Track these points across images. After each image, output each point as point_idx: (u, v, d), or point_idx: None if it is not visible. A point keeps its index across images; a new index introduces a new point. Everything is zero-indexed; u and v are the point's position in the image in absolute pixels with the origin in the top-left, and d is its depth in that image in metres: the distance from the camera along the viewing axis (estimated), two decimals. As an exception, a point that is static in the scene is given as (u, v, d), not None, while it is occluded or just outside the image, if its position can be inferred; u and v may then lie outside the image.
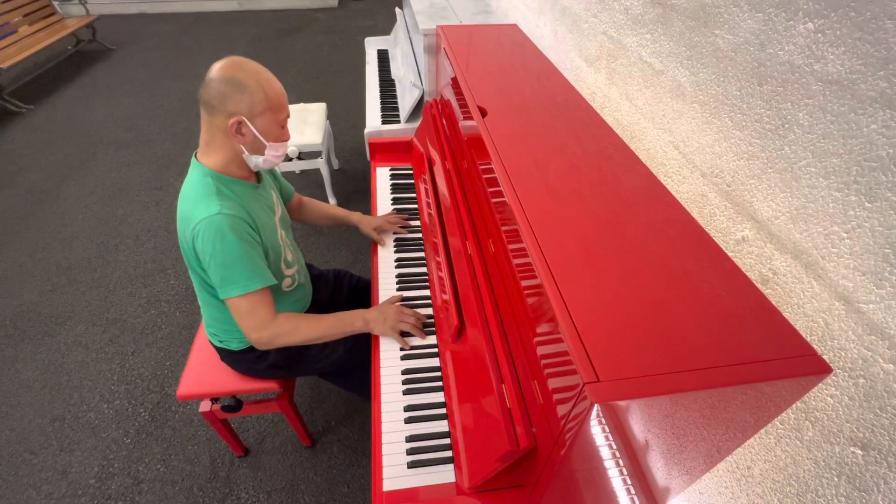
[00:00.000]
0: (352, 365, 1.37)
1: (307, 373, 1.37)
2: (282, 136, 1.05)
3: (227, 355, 1.27)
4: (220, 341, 1.24)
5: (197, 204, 0.98)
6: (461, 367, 0.99)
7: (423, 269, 1.35)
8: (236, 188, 1.05)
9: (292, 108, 2.69)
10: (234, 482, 1.58)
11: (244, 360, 1.25)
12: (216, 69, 0.95)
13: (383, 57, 2.79)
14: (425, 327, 1.17)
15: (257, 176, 1.15)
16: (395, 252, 1.40)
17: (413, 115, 2.04)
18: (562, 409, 0.59)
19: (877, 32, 0.61)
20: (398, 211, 1.54)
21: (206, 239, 0.97)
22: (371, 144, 1.77)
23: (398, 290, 1.28)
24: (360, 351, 1.34)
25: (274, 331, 1.07)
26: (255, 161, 1.05)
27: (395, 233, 1.46)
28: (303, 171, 2.99)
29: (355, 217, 1.48)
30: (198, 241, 0.98)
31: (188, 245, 1.02)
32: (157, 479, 1.59)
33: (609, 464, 0.70)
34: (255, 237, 1.04)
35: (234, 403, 1.35)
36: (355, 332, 1.16)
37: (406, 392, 1.04)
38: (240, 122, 0.97)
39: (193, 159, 1.05)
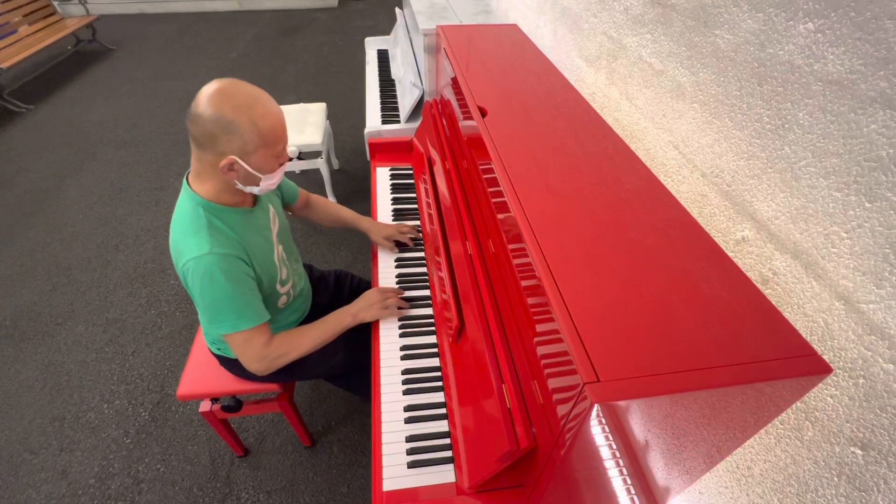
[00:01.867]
0: (351, 368, 1.36)
1: (307, 377, 1.37)
2: (277, 165, 0.99)
3: (225, 362, 1.27)
4: (219, 349, 1.24)
5: (187, 238, 0.95)
6: (461, 367, 0.99)
7: (423, 269, 1.35)
8: (229, 218, 1.00)
9: (292, 108, 2.69)
10: (234, 482, 1.58)
11: (242, 367, 1.24)
12: (204, 103, 0.86)
13: (383, 57, 2.79)
14: (426, 327, 1.18)
15: (253, 196, 1.10)
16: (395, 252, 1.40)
17: (413, 115, 2.04)
18: (562, 409, 0.59)
19: (877, 32, 0.61)
20: (398, 212, 1.54)
21: (195, 279, 0.95)
22: (371, 144, 1.77)
23: (396, 309, 1.26)
24: (359, 354, 1.34)
25: (270, 358, 1.06)
26: (250, 189, 1.00)
27: (402, 245, 1.41)
28: (303, 171, 2.99)
29: (365, 224, 1.42)
30: (188, 279, 0.96)
31: (180, 276, 1.00)
32: (157, 479, 1.59)
33: (609, 464, 0.70)
34: (248, 272, 1.01)
35: (234, 403, 1.35)
36: (347, 327, 1.16)
37: (406, 392, 1.04)
38: (231, 163, 0.91)
39: (185, 183, 0.99)
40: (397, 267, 1.36)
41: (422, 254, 1.40)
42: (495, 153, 0.90)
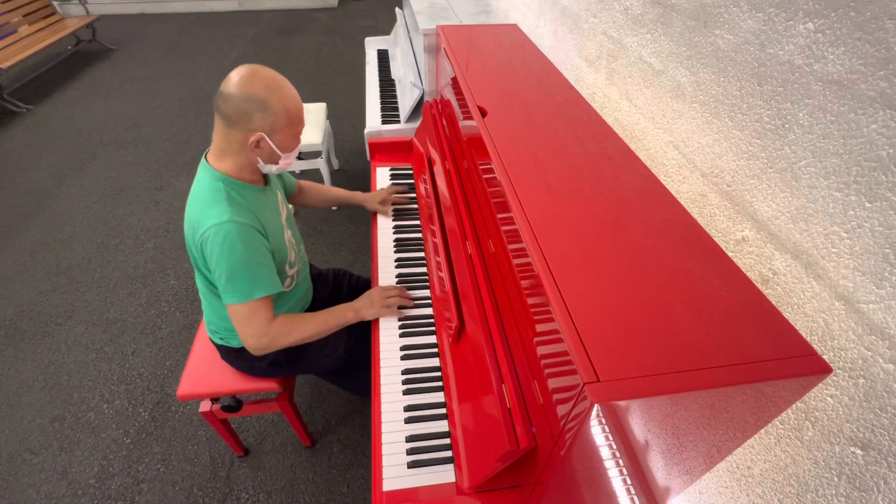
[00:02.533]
0: (351, 365, 1.37)
1: (307, 371, 1.37)
2: (295, 145, 1.06)
3: (227, 353, 1.27)
4: (221, 338, 1.24)
5: (208, 209, 0.99)
6: (461, 367, 0.99)
7: (423, 269, 1.35)
8: (247, 193, 1.05)
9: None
10: (234, 482, 1.58)
11: (244, 357, 1.25)
12: (235, 83, 0.93)
13: (383, 57, 2.79)
14: (426, 327, 1.18)
15: (265, 177, 1.15)
16: (395, 252, 1.40)
17: (413, 115, 2.04)
18: (562, 409, 0.59)
19: (877, 32, 0.61)
20: (398, 212, 1.54)
21: (215, 245, 0.97)
22: (371, 144, 1.77)
23: (397, 308, 1.26)
24: (360, 351, 1.35)
25: (271, 335, 1.08)
26: (269, 168, 1.06)
27: (396, 203, 1.52)
28: (303, 171, 2.98)
29: (359, 197, 1.51)
30: (206, 246, 0.99)
31: (196, 248, 1.02)
32: (157, 479, 1.59)
33: (609, 464, 0.70)
34: (264, 243, 1.05)
35: (234, 403, 1.35)
36: (348, 322, 1.19)
37: (406, 392, 1.04)
38: (259, 139, 0.97)
39: (204, 161, 1.04)
40: (397, 267, 1.36)
41: (422, 254, 1.40)
42: (495, 153, 0.90)
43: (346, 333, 1.32)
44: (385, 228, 1.48)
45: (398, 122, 2.09)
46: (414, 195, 1.56)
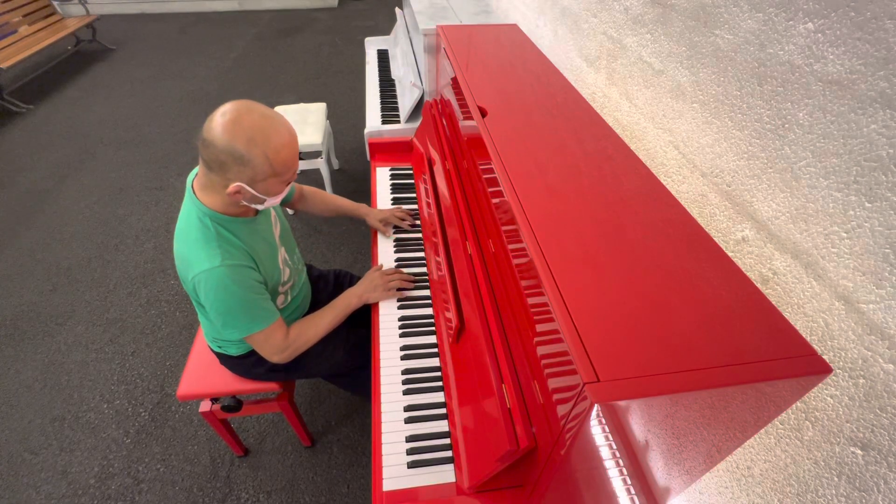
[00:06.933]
0: (351, 367, 1.37)
1: (307, 376, 1.37)
2: (284, 187, 0.99)
3: (226, 360, 1.27)
4: (219, 347, 1.24)
5: (197, 250, 0.95)
6: (461, 367, 0.99)
7: (423, 269, 1.35)
8: (235, 228, 1.01)
9: (292, 108, 2.69)
10: (234, 482, 1.58)
11: (243, 364, 1.25)
12: (218, 129, 0.84)
13: (383, 57, 2.79)
14: (426, 327, 1.18)
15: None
16: (395, 252, 1.40)
17: (413, 115, 2.04)
18: (562, 409, 0.59)
19: (877, 32, 0.61)
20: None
21: (209, 290, 0.96)
22: (371, 144, 1.77)
23: (398, 290, 1.27)
24: (359, 353, 1.35)
25: (291, 348, 1.12)
26: (254, 206, 1.00)
27: (398, 227, 1.46)
28: (303, 171, 2.99)
29: (363, 210, 1.47)
30: (199, 290, 0.97)
31: (189, 287, 1.01)
32: (157, 479, 1.59)
33: (609, 464, 0.70)
34: (257, 279, 1.02)
35: (234, 403, 1.35)
36: (354, 309, 1.22)
37: (406, 392, 1.04)
38: (238, 189, 0.91)
39: (190, 189, 0.99)
40: (398, 267, 1.36)
41: (422, 254, 1.40)
42: (495, 153, 0.90)
43: (344, 337, 1.32)
44: (385, 228, 1.48)
45: (398, 122, 2.09)
46: (418, 223, 1.48)
